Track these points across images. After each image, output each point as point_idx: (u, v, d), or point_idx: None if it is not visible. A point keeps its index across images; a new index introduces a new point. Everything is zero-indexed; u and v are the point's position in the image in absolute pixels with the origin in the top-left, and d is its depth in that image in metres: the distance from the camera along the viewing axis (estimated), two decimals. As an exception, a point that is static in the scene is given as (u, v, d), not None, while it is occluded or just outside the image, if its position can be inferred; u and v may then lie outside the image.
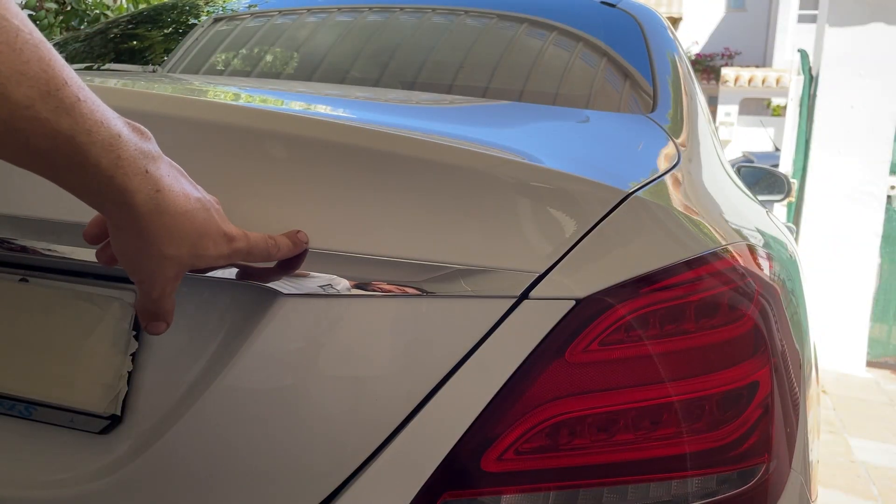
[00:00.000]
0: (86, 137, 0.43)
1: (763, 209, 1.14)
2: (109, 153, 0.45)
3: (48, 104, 0.42)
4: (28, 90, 0.41)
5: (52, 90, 0.42)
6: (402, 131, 0.65)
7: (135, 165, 0.46)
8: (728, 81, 13.01)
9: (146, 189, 0.47)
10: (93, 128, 0.44)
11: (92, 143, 0.44)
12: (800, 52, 5.06)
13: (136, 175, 0.46)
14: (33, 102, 0.41)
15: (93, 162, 0.44)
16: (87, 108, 0.44)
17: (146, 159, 0.47)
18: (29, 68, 0.40)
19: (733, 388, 0.58)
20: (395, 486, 0.56)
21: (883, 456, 3.03)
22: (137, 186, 0.46)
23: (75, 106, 0.43)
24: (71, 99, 0.42)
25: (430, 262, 0.59)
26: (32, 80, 0.41)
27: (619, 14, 1.35)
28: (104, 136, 0.44)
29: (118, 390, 0.63)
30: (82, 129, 0.43)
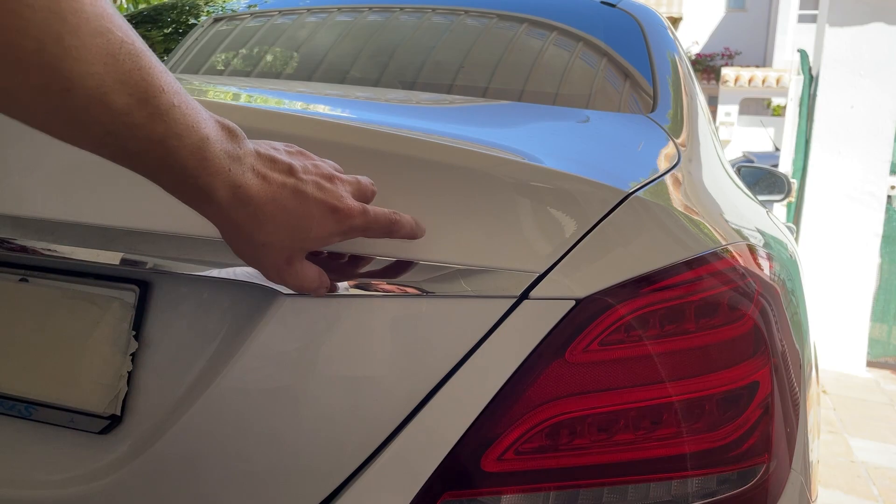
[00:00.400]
0: (176, 141, 0.46)
1: (763, 209, 1.14)
2: (196, 155, 0.47)
3: (144, 110, 0.44)
4: (128, 98, 0.43)
5: (150, 97, 0.44)
6: (402, 131, 0.65)
7: (218, 165, 0.49)
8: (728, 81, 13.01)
9: (228, 186, 0.50)
10: (183, 132, 0.46)
11: (182, 146, 0.46)
12: (800, 52, 5.06)
13: (220, 174, 0.49)
14: (132, 109, 0.43)
15: (181, 164, 0.47)
16: (181, 114, 0.46)
17: (230, 159, 0.49)
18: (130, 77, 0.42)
19: (733, 388, 0.58)
20: (395, 486, 0.56)
21: (883, 456, 3.03)
22: (220, 184, 0.49)
23: (169, 112, 0.45)
24: (166, 105, 0.45)
25: (430, 262, 0.59)
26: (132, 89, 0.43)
27: (619, 14, 1.35)
28: (193, 140, 0.47)
29: (118, 390, 0.63)
30: (173, 133, 0.45)
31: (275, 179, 0.52)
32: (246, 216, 0.51)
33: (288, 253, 0.54)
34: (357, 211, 0.55)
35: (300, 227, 0.53)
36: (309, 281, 0.57)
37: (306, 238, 0.54)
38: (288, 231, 0.53)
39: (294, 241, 0.54)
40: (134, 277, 0.65)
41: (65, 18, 0.39)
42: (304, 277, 0.56)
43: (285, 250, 0.54)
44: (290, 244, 0.54)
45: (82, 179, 0.64)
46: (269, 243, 0.53)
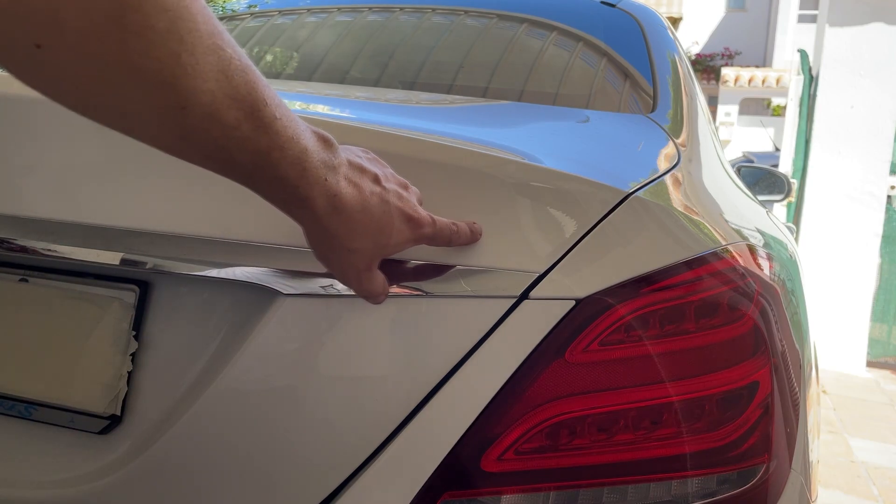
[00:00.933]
0: (279, 154, 0.47)
1: (763, 209, 1.14)
2: (297, 166, 0.48)
3: (251, 124, 0.45)
4: (237, 112, 0.44)
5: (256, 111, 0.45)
6: (402, 131, 0.65)
7: (316, 175, 0.50)
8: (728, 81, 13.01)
9: (324, 195, 0.51)
10: (286, 144, 0.47)
11: (283, 157, 0.47)
12: (799, 52, 5.06)
13: (317, 184, 0.50)
14: (240, 123, 0.44)
15: (282, 175, 0.48)
16: (282, 126, 0.47)
17: (326, 168, 0.51)
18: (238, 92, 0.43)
19: (733, 389, 0.58)
20: (395, 486, 0.56)
21: (883, 456, 3.03)
22: (318, 193, 0.50)
23: (272, 124, 0.46)
24: (269, 118, 0.46)
25: (430, 262, 0.59)
26: (241, 103, 0.44)
27: (619, 14, 1.35)
28: (295, 152, 0.48)
29: (118, 390, 0.63)
30: (276, 145, 0.47)
31: (364, 188, 0.54)
32: (339, 224, 0.53)
33: (369, 259, 0.56)
34: (427, 220, 0.57)
35: (383, 234, 0.55)
36: (379, 286, 0.58)
37: (387, 245, 0.56)
38: (373, 238, 0.55)
39: (377, 248, 0.55)
40: (134, 277, 0.65)
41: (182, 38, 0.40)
42: (377, 283, 0.58)
43: (368, 257, 0.55)
44: (373, 250, 0.55)
45: (82, 179, 0.64)
46: (357, 250, 0.54)
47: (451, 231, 0.58)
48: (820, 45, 4.51)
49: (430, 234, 0.57)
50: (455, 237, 0.58)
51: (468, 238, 0.59)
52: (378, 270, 0.58)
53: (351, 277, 0.57)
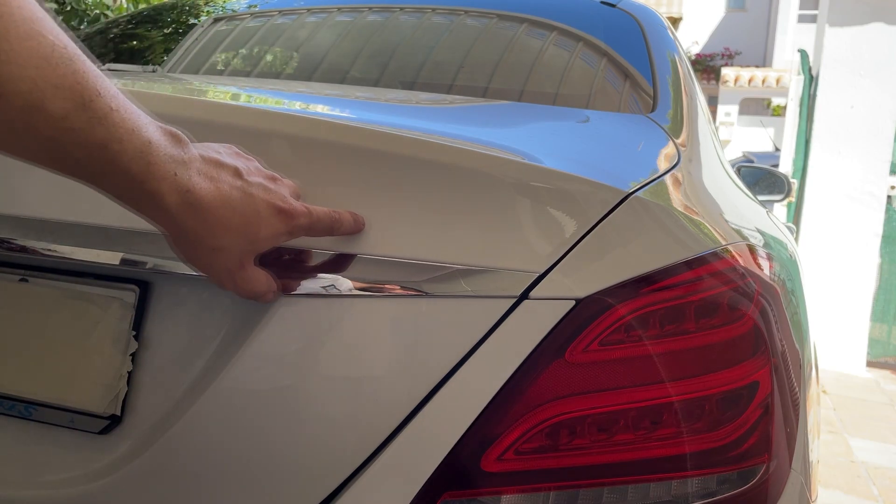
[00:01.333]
0: (118, 146, 0.45)
1: (763, 209, 1.14)
2: (140, 160, 0.47)
3: (82, 115, 0.43)
4: (63, 102, 0.42)
5: (87, 101, 0.43)
6: (402, 131, 0.65)
7: (164, 170, 0.48)
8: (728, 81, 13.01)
9: (175, 191, 0.49)
10: (124, 136, 0.46)
11: (123, 151, 0.46)
12: (799, 52, 5.06)
13: (166, 179, 0.48)
14: (68, 114, 0.43)
15: (124, 169, 0.46)
16: (120, 118, 0.45)
17: (175, 163, 0.49)
18: (64, 81, 0.42)
19: (733, 389, 0.58)
20: (395, 487, 0.56)
21: (883, 456, 3.03)
22: (167, 189, 0.49)
23: (108, 116, 0.45)
24: (104, 109, 0.44)
25: (430, 262, 0.59)
26: (67, 93, 0.42)
27: (619, 14, 1.35)
28: (136, 145, 0.46)
29: (118, 390, 0.63)
30: (114, 137, 0.45)
31: (223, 182, 0.52)
32: (197, 221, 0.51)
33: (240, 256, 0.54)
34: (301, 211, 0.56)
35: (250, 228, 0.53)
36: (260, 285, 0.57)
37: (256, 239, 0.54)
38: (239, 233, 0.53)
39: (245, 244, 0.54)
40: (134, 277, 0.65)
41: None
42: (256, 281, 0.56)
43: (237, 254, 0.54)
44: (241, 247, 0.54)
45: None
46: (222, 247, 0.53)
47: (332, 219, 0.57)
48: (820, 45, 4.51)
49: (307, 224, 0.56)
50: (337, 226, 0.57)
51: (351, 226, 0.58)
52: (258, 268, 0.56)
53: (224, 279, 0.55)
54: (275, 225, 0.55)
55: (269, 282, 0.57)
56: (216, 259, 0.54)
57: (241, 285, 0.56)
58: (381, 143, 0.62)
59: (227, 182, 0.53)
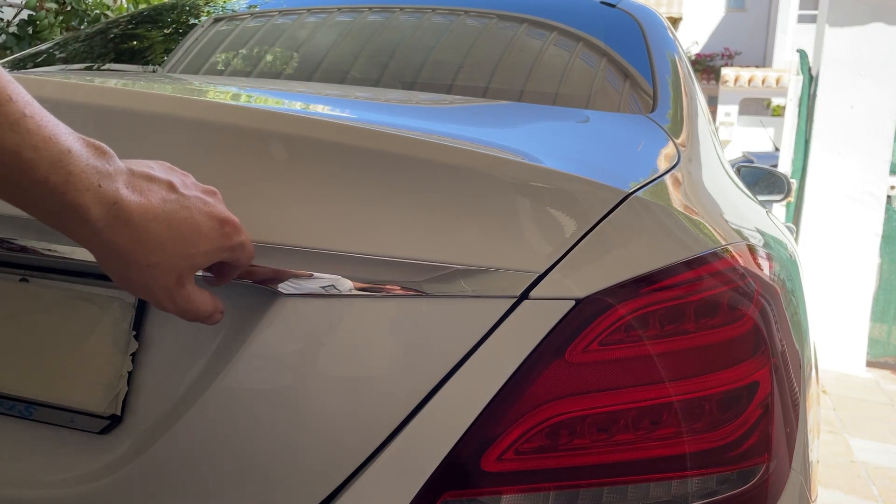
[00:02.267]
0: (32, 153, 0.43)
1: (763, 209, 1.14)
2: (59, 169, 0.44)
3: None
4: None
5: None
6: (402, 131, 0.65)
7: (86, 181, 0.45)
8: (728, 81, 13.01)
9: (100, 203, 0.46)
10: (40, 144, 0.43)
11: (39, 159, 0.43)
12: (799, 52, 5.05)
13: (89, 190, 0.45)
14: None
15: (41, 179, 0.44)
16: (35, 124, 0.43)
17: (98, 174, 0.46)
18: None
19: (733, 388, 0.58)
20: (395, 486, 0.56)
21: (883, 456, 3.03)
22: (91, 201, 0.46)
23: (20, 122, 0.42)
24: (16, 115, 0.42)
25: (430, 262, 0.59)
26: None
27: (619, 14, 1.35)
28: (53, 152, 0.44)
29: (118, 390, 0.63)
30: (28, 145, 0.42)
31: (155, 196, 0.49)
32: (127, 236, 0.48)
33: (178, 273, 0.51)
34: (242, 227, 0.54)
35: (187, 242, 0.50)
36: (202, 304, 0.54)
37: (195, 254, 0.51)
38: (175, 248, 0.50)
39: (182, 259, 0.51)
40: (134, 277, 0.65)
41: None
42: (198, 301, 0.54)
43: (175, 270, 0.51)
44: (178, 262, 0.51)
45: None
46: (157, 264, 0.50)
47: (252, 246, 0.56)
48: (820, 45, 4.51)
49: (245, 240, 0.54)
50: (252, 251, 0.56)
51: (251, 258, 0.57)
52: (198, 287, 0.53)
53: (163, 298, 0.52)
54: (215, 238, 0.52)
55: (213, 302, 0.55)
56: (151, 277, 0.50)
57: (182, 305, 0.53)
58: (382, 143, 0.62)
59: (160, 195, 0.50)
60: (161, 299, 0.52)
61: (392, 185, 0.60)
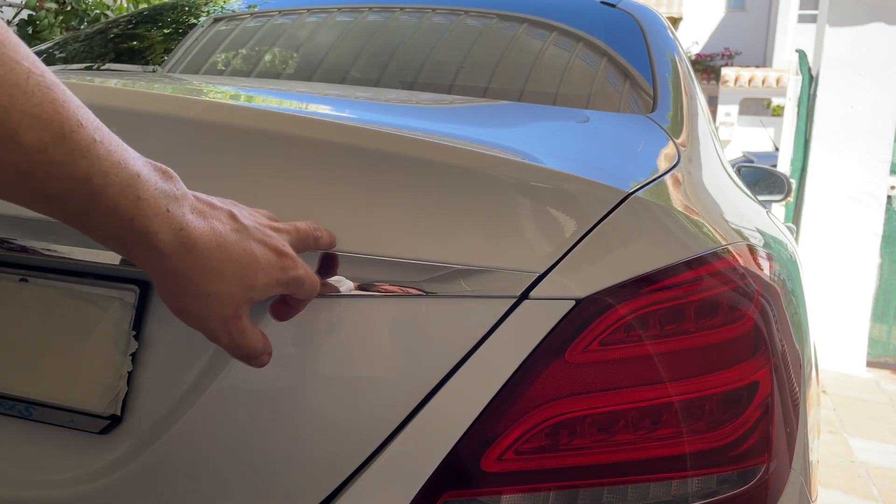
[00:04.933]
0: (103, 179, 0.42)
1: (763, 209, 1.14)
2: (128, 194, 0.43)
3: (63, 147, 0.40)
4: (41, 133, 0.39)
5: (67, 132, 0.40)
6: (402, 131, 0.65)
7: (156, 206, 0.45)
8: (728, 81, 13.02)
9: (169, 228, 0.46)
10: (110, 169, 0.43)
11: (110, 184, 0.43)
12: (798, 53, 5.06)
13: (158, 215, 0.45)
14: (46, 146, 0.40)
15: (111, 205, 0.43)
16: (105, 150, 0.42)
17: (167, 199, 0.46)
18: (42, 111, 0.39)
19: (733, 388, 0.58)
20: (395, 486, 0.56)
21: (883, 456, 3.03)
22: (159, 226, 0.45)
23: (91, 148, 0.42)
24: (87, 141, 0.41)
25: (430, 262, 0.59)
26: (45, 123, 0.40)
27: (619, 14, 1.35)
28: (123, 178, 0.43)
29: (118, 390, 0.63)
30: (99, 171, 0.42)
31: (217, 223, 0.49)
32: (191, 264, 0.47)
33: (236, 305, 0.51)
34: (300, 262, 0.54)
35: (247, 274, 0.50)
36: (255, 341, 0.53)
37: (253, 286, 0.51)
38: (234, 279, 0.49)
39: (241, 290, 0.50)
40: (134, 277, 0.65)
41: None
42: (252, 337, 0.53)
43: (233, 301, 0.50)
44: (237, 294, 0.50)
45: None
46: (217, 293, 0.49)
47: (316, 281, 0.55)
48: (820, 45, 4.52)
49: (303, 276, 0.53)
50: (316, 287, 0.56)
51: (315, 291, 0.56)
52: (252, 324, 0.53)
53: (219, 330, 0.51)
54: (273, 272, 0.51)
55: (265, 342, 0.54)
56: (209, 307, 0.50)
57: (237, 338, 0.52)
58: (382, 143, 0.62)
59: (222, 222, 0.49)
60: (216, 330, 0.51)
61: (392, 185, 0.60)
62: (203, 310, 0.50)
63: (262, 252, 0.51)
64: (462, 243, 0.59)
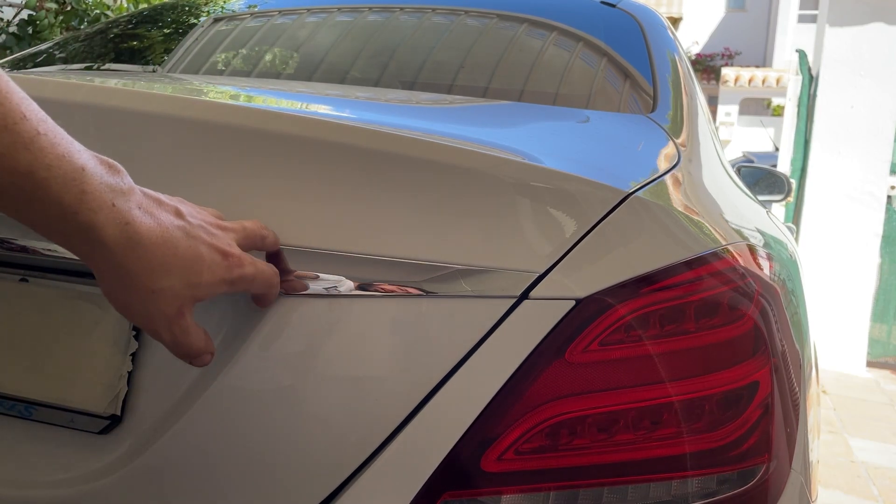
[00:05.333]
0: (46, 172, 0.42)
1: (763, 209, 1.14)
2: (72, 188, 0.43)
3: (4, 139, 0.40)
4: None
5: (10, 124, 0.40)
6: (402, 131, 0.65)
7: (100, 199, 0.44)
8: (728, 81, 13.02)
9: (114, 222, 0.45)
10: (53, 162, 0.42)
11: (53, 177, 0.42)
12: (798, 53, 5.06)
13: (103, 209, 0.44)
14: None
15: (55, 198, 0.43)
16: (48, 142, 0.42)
17: (113, 193, 0.45)
18: None
19: (733, 389, 0.58)
20: (396, 486, 0.56)
21: (883, 456, 3.03)
22: (104, 221, 0.45)
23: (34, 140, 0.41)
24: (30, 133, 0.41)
25: (430, 262, 0.59)
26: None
27: (619, 14, 1.35)
28: (66, 171, 0.43)
29: (118, 390, 0.63)
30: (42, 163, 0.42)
31: (164, 219, 0.49)
32: (136, 259, 0.47)
33: (179, 302, 0.50)
34: (247, 260, 0.53)
35: (191, 272, 0.50)
36: (196, 340, 0.53)
37: (198, 284, 0.50)
38: (179, 276, 0.49)
39: (185, 288, 0.50)
40: (134, 277, 0.65)
41: None
42: (195, 335, 0.53)
43: (177, 299, 0.50)
44: (181, 291, 0.50)
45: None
46: (161, 290, 0.49)
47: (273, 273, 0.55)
48: (820, 45, 4.52)
49: (251, 274, 0.53)
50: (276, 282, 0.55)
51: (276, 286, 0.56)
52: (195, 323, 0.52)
53: (161, 326, 0.51)
54: (217, 271, 0.51)
55: (207, 340, 0.54)
56: (154, 304, 0.49)
57: (179, 336, 0.52)
58: (382, 143, 0.62)
59: (169, 220, 0.49)
60: (158, 328, 0.51)
61: (392, 185, 0.60)
62: (147, 307, 0.50)
63: (207, 250, 0.51)
64: (462, 243, 0.59)
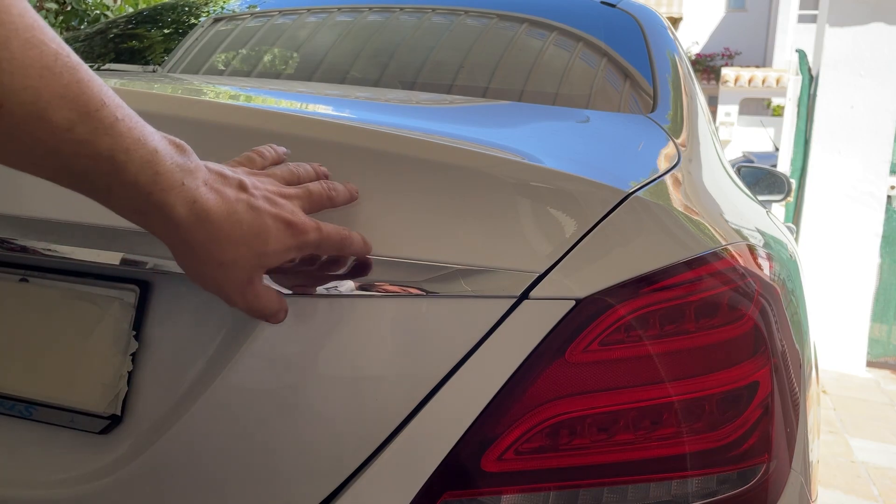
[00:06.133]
0: (124, 156, 0.44)
1: (763, 209, 1.14)
2: (147, 169, 0.46)
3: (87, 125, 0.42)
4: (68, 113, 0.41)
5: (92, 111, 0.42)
6: (402, 131, 0.65)
7: (171, 179, 0.47)
8: (728, 81, 13.02)
9: (184, 201, 0.48)
10: (131, 146, 0.45)
11: (130, 160, 0.45)
12: (798, 53, 5.06)
13: (174, 188, 0.47)
14: (73, 125, 0.42)
15: (132, 180, 0.45)
16: (126, 127, 0.44)
17: (182, 172, 0.48)
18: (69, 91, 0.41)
19: (733, 389, 0.58)
20: (396, 486, 0.56)
21: (883, 456, 3.03)
22: (175, 200, 0.47)
23: (114, 125, 0.44)
24: (110, 119, 0.43)
25: (431, 262, 0.59)
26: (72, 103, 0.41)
27: (619, 14, 1.35)
28: (142, 153, 0.45)
29: (118, 390, 0.63)
30: (121, 147, 0.44)
31: (229, 194, 0.51)
32: (204, 234, 0.50)
33: (249, 272, 0.53)
34: (311, 226, 0.55)
35: (257, 242, 0.52)
36: (271, 302, 0.55)
37: (264, 253, 0.53)
38: (246, 247, 0.52)
39: (253, 258, 0.52)
40: (134, 277, 0.65)
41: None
42: (266, 298, 0.55)
43: (246, 269, 0.52)
44: (249, 261, 0.52)
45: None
46: (230, 261, 0.51)
47: (342, 237, 0.56)
48: (820, 45, 4.52)
49: (316, 240, 0.55)
50: (346, 244, 0.56)
51: (360, 247, 0.57)
52: (266, 285, 0.55)
53: (234, 294, 0.54)
54: (283, 239, 0.53)
55: (279, 300, 0.56)
56: (224, 274, 0.52)
57: (251, 301, 0.54)
58: (381, 143, 0.62)
59: (233, 194, 0.51)
60: (232, 296, 0.54)
61: (392, 185, 0.60)
62: (218, 277, 0.52)
63: (271, 221, 0.53)
64: (462, 243, 0.59)
